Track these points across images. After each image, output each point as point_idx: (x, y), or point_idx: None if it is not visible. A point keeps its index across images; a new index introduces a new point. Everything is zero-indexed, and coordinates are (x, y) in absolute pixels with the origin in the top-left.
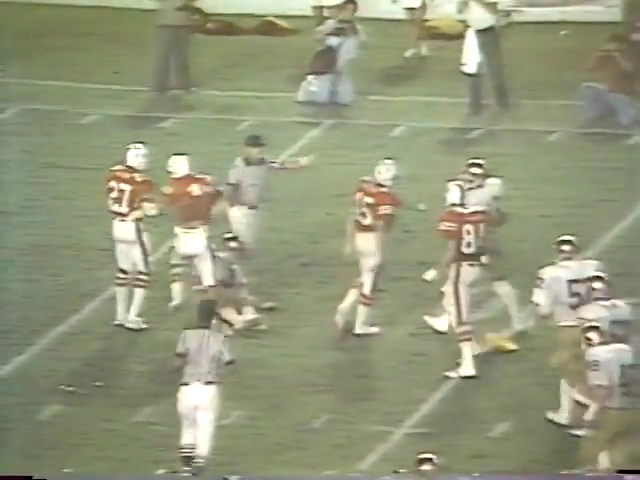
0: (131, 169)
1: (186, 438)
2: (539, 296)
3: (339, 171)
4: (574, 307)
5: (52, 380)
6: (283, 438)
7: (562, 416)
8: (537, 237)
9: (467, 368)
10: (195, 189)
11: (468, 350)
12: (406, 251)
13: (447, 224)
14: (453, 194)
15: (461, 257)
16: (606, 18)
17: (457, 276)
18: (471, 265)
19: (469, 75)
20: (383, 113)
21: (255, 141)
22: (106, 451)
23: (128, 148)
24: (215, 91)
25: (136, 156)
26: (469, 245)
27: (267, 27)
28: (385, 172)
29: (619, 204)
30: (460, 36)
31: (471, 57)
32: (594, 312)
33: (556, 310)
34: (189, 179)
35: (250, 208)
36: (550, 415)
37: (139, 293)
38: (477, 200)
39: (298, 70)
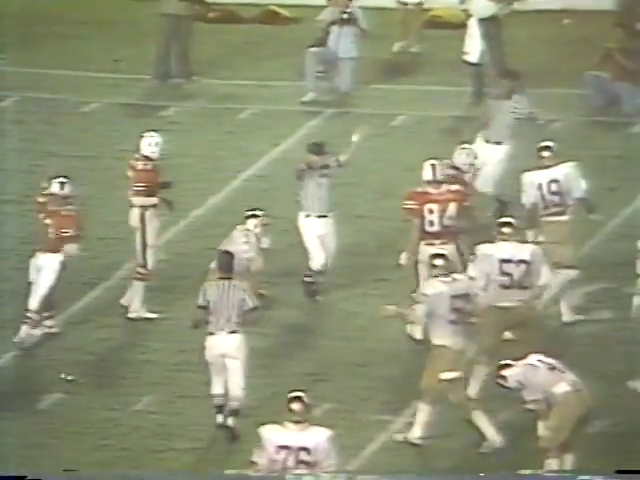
0: (146, 158)
1: (216, 387)
2: (472, 270)
3: None
4: (505, 287)
5: (53, 369)
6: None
7: None
8: None
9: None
10: None
11: None
12: None
13: (410, 202)
14: (426, 173)
15: (423, 235)
16: (609, 6)
17: (417, 254)
18: (430, 244)
19: (471, 64)
20: (384, 102)
21: (317, 149)
22: (107, 440)
23: (141, 136)
24: (216, 80)
25: (149, 145)
26: (432, 224)
27: (268, 16)
28: (466, 157)
29: (622, 192)
30: (462, 25)
31: (473, 46)
32: (434, 287)
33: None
34: None
35: (319, 217)
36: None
37: (138, 286)
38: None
39: (299, 59)
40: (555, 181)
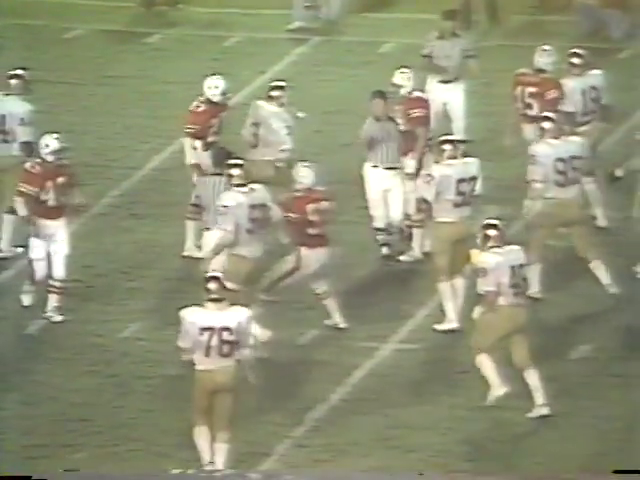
0: (207, 100)
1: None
2: (427, 192)
3: (327, 88)
4: (457, 205)
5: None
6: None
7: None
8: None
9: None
10: None
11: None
12: None
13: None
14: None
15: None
16: None
17: None
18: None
19: None
20: (371, 30)
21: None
22: (95, 366)
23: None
24: (201, 7)
25: (209, 87)
26: None
27: None
28: (547, 57)
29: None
30: None
31: None
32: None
33: (439, 207)
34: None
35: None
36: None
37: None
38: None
39: None
40: (594, 88)
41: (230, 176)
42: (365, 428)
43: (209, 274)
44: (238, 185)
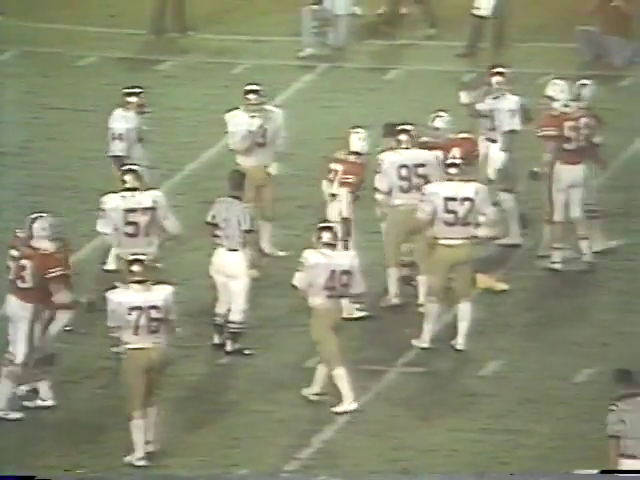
0: (355, 153)
1: (220, 307)
2: (420, 210)
3: (333, 114)
4: (448, 224)
5: None
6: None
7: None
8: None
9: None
10: None
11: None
12: None
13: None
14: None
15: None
16: None
17: None
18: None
19: (478, 17)
20: (377, 57)
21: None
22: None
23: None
24: (211, 35)
25: (359, 140)
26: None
27: None
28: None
29: (613, 145)
30: None
31: (488, 1)
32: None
33: (435, 227)
34: None
35: None
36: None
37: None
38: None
39: (291, 15)
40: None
41: (123, 182)
42: (371, 450)
43: (132, 257)
44: (125, 190)
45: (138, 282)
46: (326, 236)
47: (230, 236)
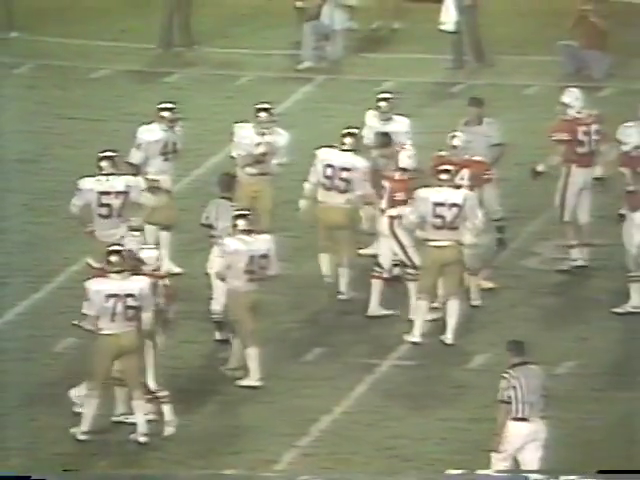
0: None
1: (215, 304)
2: (410, 213)
3: (331, 123)
4: (437, 227)
5: (67, 316)
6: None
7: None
8: (514, 181)
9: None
10: None
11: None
12: None
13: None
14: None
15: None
16: None
17: None
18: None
19: (449, 33)
20: (371, 69)
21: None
22: None
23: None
24: (216, 48)
25: (407, 157)
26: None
27: None
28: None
29: None
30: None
31: (450, 16)
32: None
33: (424, 228)
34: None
35: None
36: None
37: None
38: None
39: (291, 30)
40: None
41: (99, 167)
42: (366, 439)
43: (111, 248)
44: (101, 174)
45: (117, 272)
46: (242, 223)
47: (221, 235)
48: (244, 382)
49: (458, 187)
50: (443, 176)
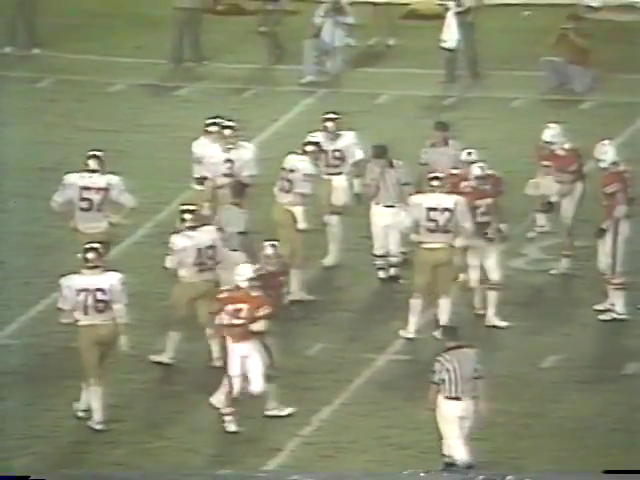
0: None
1: None
2: (405, 218)
3: None
4: (430, 231)
5: None
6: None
7: None
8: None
9: None
10: None
11: None
12: None
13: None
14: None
15: None
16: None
17: None
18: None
19: (448, 50)
20: (369, 83)
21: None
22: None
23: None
24: (223, 63)
25: (480, 168)
26: None
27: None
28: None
29: None
30: (437, 17)
31: (451, 35)
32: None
33: (418, 231)
34: None
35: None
36: None
37: None
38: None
39: (294, 46)
40: None
41: (86, 165)
42: (364, 428)
43: (88, 245)
44: (85, 171)
45: (90, 268)
46: (188, 217)
47: (228, 239)
48: (156, 358)
49: (449, 193)
50: (434, 182)
